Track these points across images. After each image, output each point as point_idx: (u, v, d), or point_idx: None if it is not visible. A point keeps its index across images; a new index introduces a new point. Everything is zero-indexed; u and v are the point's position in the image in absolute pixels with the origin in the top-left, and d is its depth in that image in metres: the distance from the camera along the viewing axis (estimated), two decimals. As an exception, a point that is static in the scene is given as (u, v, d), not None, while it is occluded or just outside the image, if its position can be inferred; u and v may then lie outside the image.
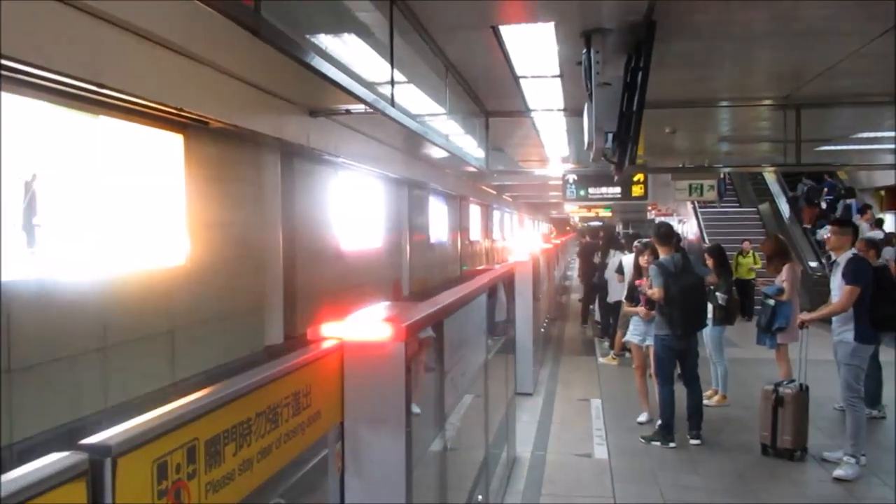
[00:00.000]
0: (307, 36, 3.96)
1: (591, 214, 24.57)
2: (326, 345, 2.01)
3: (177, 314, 5.82)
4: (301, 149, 7.86)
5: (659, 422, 6.35)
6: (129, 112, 5.12)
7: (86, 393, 4.79)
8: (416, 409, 2.38)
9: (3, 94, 4.08)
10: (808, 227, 17.35)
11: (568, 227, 44.57)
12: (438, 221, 16.11)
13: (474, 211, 21.06)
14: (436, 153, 11.05)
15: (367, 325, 2.13)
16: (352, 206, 10.30)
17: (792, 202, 18.56)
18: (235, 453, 1.45)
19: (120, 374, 5.10)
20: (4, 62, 3.74)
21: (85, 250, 4.79)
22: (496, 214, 26.12)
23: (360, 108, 5.20)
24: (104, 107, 4.87)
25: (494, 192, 22.72)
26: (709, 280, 6.49)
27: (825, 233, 16.03)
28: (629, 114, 4.95)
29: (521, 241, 29.05)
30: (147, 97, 4.91)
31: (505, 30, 5.21)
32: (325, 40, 4.36)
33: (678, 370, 6.56)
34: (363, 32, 4.82)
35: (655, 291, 6.17)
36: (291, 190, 8.15)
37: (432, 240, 15.32)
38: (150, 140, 5.53)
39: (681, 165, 13.13)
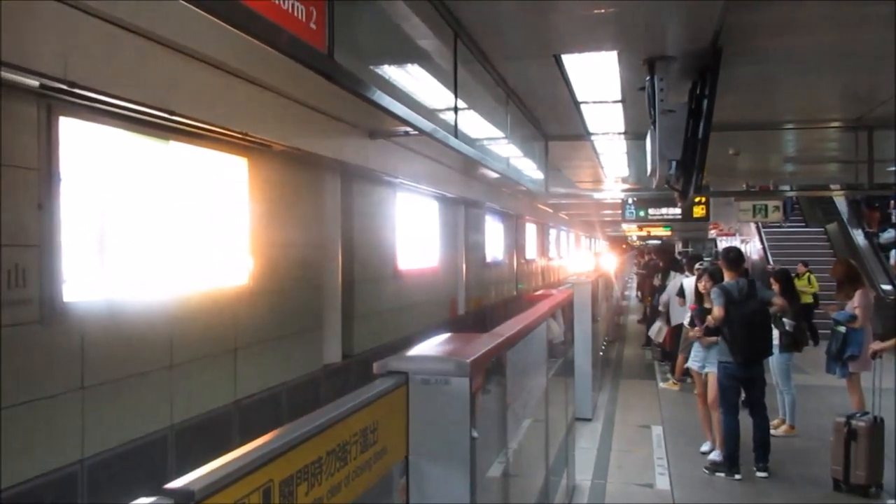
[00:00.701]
0: (372, 67, 4.03)
1: (649, 233, 24.21)
2: (392, 380, 2.01)
3: (240, 333, 5.94)
4: (360, 170, 7.98)
5: (717, 450, 6.18)
6: (197, 137, 5.28)
7: (153, 410, 4.92)
8: (474, 433, 2.36)
9: (81, 121, 4.26)
10: (872, 230, 17.03)
11: (624, 245, 43.96)
12: (494, 240, 16.08)
13: (530, 229, 20.95)
14: (494, 173, 11.08)
15: (432, 360, 2.13)
16: (409, 226, 10.38)
17: (852, 205, 18.18)
18: (307, 493, 1.47)
19: (185, 392, 5.23)
20: (83, 91, 3.92)
21: (154, 271, 4.94)
22: (552, 232, 25.92)
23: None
24: (174, 132, 5.04)
25: (551, 211, 22.58)
26: (775, 302, 6.28)
27: (890, 237, 15.79)
28: (694, 141, 4.85)
29: (578, 262, 28.75)
30: (214, 122, 5.06)
31: (567, 58, 5.20)
32: (389, 70, 4.44)
33: (743, 398, 6.37)
34: (427, 63, 4.88)
35: (715, 311, 6.02)
36: (350, 210, 8.26)
37: (488, 259, 15.29)
38: (215, 163, 5.69)
39: (744, 187, 12.80)
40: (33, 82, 3.71)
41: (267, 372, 6.37)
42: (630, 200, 12.12)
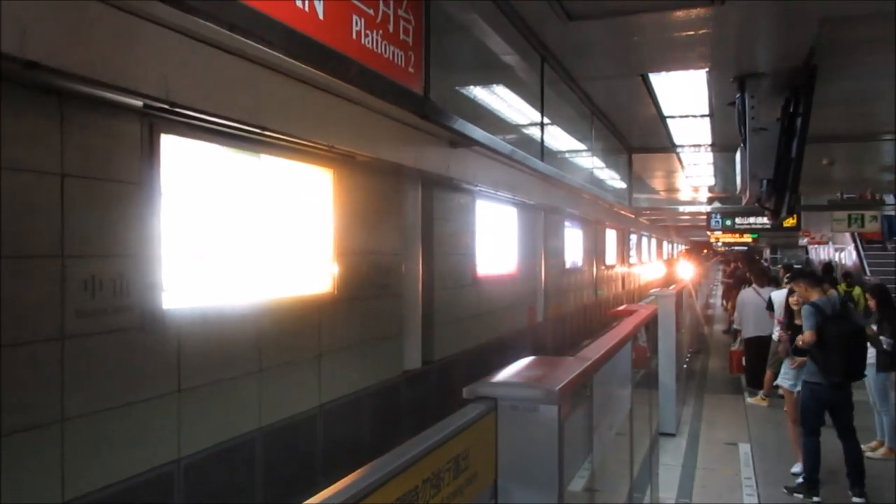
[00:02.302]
0: (458, 88, 4.10)
1: (735, 239, 23.38)
2: (482, 405, 2.03)
3: (324, 338, 6.09)
4: (441, 178, 8.04)
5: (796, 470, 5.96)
6: (286, 150, 5.46)
7: (243, 412, 5.10)
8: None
9: (180, 138, 4.47)
10: None
11: (706, 250, 42.66)
12: (574, 245, 15.88)
13: (610, 234, 20.61)
14: (575, 180, 10.96)
15: (521, 387, 2.14)
16: (488, 232, 10.38)
17: None
18: (404, 521, 1.50)
19: (272, 396, 5.40)
20: (182, 110, 4.11)
21: (244, 278, 5.13)
22: (632, 237, 25.40)
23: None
24: (265, 146, 5.22)
25: (632, 216, 22.15)
26: (868, 334, 5.99)
27: None
28: (787, 160, 4.64)
29: (659, 268, 28.05)
30: (302, 136, 5.22)
31: (653, 75, 5.12)
32: (475, 91, 4.51)
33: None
34: (515, 85, 4.92)
35: (805, 335, 5.74)
36: (430, 217, 8.33)
37: (567, 264, 15.12)
38: (302, 175, 5.86)
39: (839, 196, 12.18)
40: (137, 103, 3.92)
41: (350, 377, 6.51)
42: (715, 212, 11.75)
